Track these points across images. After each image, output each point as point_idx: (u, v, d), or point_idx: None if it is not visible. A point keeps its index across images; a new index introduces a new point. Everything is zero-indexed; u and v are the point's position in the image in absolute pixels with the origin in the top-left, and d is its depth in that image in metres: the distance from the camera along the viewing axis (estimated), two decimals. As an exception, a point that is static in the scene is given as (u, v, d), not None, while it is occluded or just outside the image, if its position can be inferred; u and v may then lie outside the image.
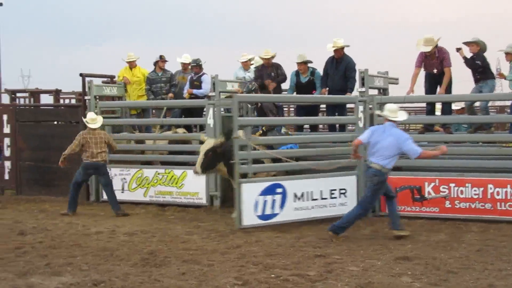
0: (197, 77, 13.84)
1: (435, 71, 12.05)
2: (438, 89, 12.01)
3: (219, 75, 12.57)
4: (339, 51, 12.56)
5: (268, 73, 13.26)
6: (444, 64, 11.94)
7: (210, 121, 12.37)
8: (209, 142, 11.05)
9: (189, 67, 14.17)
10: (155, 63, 14.23)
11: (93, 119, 11.99)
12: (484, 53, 11.90)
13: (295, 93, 13.21)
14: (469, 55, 11.89)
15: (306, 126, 14.19)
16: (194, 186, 12.41)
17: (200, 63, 13.80)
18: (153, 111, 15.77)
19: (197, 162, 11.01)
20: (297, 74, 13.17)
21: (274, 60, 13.46)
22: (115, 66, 13.28)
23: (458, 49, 11.86)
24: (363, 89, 11.42)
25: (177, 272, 7.68)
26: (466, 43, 11.90)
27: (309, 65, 13.16)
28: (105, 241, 9.56)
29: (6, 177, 14.55)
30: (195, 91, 13.68)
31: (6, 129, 14.60)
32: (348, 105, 13.21)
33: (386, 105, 9.66)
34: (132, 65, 14.51)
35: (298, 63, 13.03)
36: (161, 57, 14.27)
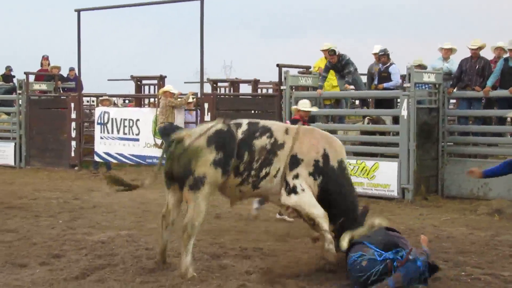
0: (385, 68, 13.58)
1: None
2: None
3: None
4: None
5: (473, 67, 12.61)
6: None
7: (404, 112, 12.13)
8: None
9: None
10: None
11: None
12: None
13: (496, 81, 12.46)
14: None
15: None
16: (385, 178, 12.26)
17: (388, 53, 13.51)
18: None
19: None
20: (506, 60, 12.36)
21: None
22: (313, 58, 13.44)
23: None
24: None
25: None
26: None
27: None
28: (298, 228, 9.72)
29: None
30: (385, 85, 13.43)
31: (207, 117, 15.33)
32: None
33: None
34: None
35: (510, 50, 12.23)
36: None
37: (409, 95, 12.12)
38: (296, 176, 7.26)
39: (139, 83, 17.83)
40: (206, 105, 15.40)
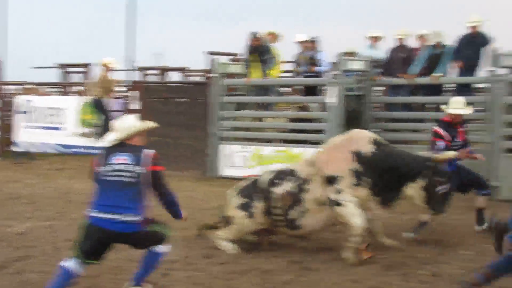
0: (313, 55, 13.64)
1: None
2: None
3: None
4: (474, 27, 11.95)
5: (399, 56, 12.83)
6: None
7: (332, 100, 12.23)
8: None
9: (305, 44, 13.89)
10: None
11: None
12: None
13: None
14: None
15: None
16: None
17: (316, 40, 13.58)
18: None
19: None
20: (430, 48, 12.52)
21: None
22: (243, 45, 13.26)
23: None
24: (493, 68, 11.00)
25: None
26: None
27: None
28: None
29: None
30: (316, 68, 13.51)
31: (137, 106, 15.11)
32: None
33: None
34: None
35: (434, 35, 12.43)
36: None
37: (338, 82, 12.22)
38: (338, 191, 7.29)
39: (65, 70, 17.49)
40: (136, 94, 15.18)
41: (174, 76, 18.72)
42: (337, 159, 7.41)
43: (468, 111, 8.32)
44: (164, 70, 18.73)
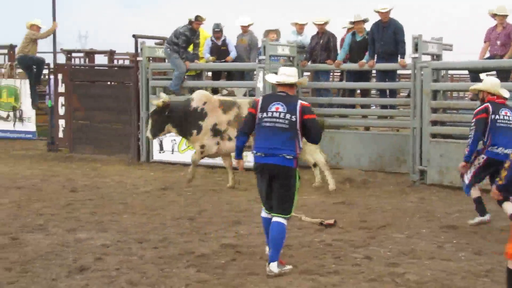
0: (222, 42, 13.70)
1: (498, 42, 11.71)
2: None
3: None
4: (384, 14, 12.27)
5: (319, 42, 13.05)
6: None
7: (260, 84, 12.37)
8: (155, 105, 11.06)
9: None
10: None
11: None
12: None
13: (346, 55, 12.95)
14: None
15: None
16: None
17: (221, 28, 13.58)
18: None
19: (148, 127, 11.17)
20: (353, 34, 12.86)
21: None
22: (172, 28, 13.09)
23: None
24: (416, 55, 11.24)
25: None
26: None
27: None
28: (153, 201, 9.75)
29: (60, 135, 14.84)
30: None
31: (61, 88, 14.86)
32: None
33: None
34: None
35: (356, 22, 12.70)
36: (196, 18, 13.17)
37: (265, 68, 12.35)
38: None
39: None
40: (60, 76, 14.90)
41: (101, 59, 18.43)
42: None
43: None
44: (90, 53, 18.42)
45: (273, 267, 6.32)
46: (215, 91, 13.56)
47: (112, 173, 12.16)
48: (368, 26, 12.66)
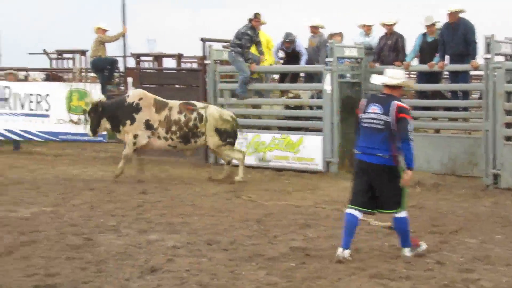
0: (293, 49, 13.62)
1: None
2: None
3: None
4: (454, 15, 12.01)
5: (387, 43, 12.89)
6: None
7: (327, 87, 12.31)
8: (90, 103, 11.91)
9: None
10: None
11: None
12: None
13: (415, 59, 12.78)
14: None
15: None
16: (310, 151, 12.43)
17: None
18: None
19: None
20: (423, 35, 12.62)
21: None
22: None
23: None
24: (489, 56, 10.98)
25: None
26: None
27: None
28: (221, 203, 9.81)
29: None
30: None
31: (130, 92, 15.05)
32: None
33: None
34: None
35: (428, 26, 12.47)
36: (255, 15, 13.10)
37: (332, 70, 12.29)
38: None
39: (60, 56, 17.39)
40: (130, 80, 15.16)
41: (169, 63, 18.74)
42: None
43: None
44: (158, 56, 18.74)
45: (406, 251, 6.87)
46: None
47: (180, 175, 12.30)
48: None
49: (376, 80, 7.03)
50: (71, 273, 6.38)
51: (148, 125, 11.63)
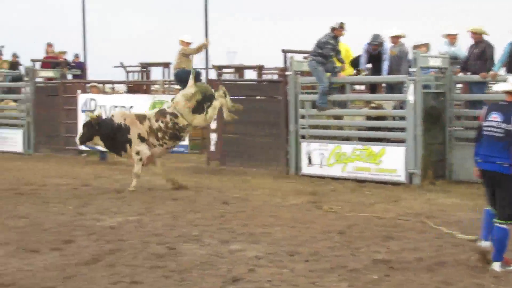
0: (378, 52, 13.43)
1: None
2: None
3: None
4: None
5: (473, 52, 12.56)
6: None
7: (410, 97, 12.13)
8: (89, 117, 12.36)
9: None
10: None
11: None
12: None
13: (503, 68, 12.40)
14: None
15: None
16: (392, 163, 12.26)
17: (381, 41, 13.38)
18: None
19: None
20: (512, 44, 12.24)
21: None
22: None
23: None
24: None
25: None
26: None
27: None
28: (302, 214, 9.79)
29: (212, 148, 15.28)
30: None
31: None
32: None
33: None
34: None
35: None
36: (341, 25, 13.04)
37: (415, 80, 12.10)
38: None
39: (144, 69, 17.81)
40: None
41: (249, 74, 18.89)
42: None
43: None
44: (239, 68, 18.92)
45: (495, 266, 6.68)
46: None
47: (261, 185, 12.35)
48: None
49: (500, 87, 7.07)
50: (155, 281, 6.50)
51: (142, 138, 12.06)
